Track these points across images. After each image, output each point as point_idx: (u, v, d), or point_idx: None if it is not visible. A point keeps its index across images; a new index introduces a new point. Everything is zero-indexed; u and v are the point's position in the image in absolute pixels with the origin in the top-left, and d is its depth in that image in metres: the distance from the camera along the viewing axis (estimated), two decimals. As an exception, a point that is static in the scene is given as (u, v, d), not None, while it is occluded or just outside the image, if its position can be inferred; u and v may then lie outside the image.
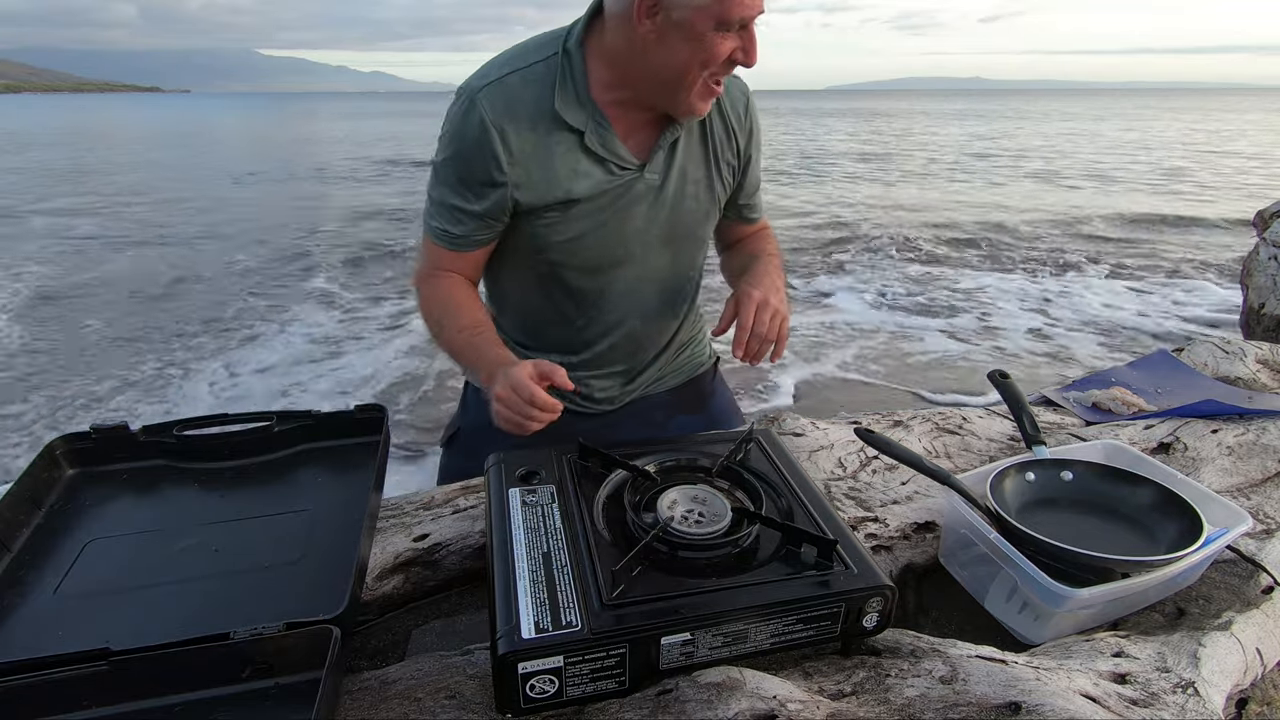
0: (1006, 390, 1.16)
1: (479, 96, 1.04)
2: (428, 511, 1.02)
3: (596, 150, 1.07)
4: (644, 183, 1.11)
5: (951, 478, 0.89)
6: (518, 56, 1.07)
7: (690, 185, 1.16)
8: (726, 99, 1.15)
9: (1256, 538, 0.98)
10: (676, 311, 1.31)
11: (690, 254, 1.25)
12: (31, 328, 5.69)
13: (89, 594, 0.77)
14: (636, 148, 1.10)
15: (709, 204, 1.20)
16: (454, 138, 1.07)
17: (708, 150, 1.16)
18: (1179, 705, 0.69)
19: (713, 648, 0.69)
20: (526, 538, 0.75)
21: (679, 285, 1.28)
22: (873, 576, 0.72)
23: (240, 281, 7.25)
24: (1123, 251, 8.36)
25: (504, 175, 1.05)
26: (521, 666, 0.62)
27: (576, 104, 1.05)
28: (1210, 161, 17.94)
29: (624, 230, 1.14)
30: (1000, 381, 1.18)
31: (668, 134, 1.11)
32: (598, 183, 1.09)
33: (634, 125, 1.10)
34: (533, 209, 1.09)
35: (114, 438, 0.95)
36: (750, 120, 1.20)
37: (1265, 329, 2.63)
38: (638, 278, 1.19)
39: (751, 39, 0.99)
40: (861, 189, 13.60)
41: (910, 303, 6.46)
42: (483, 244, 1.15)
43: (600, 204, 1.10)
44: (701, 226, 1.22)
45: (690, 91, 1.02)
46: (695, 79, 1.00)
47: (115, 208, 11.35)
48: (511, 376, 0.94)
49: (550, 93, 1.04)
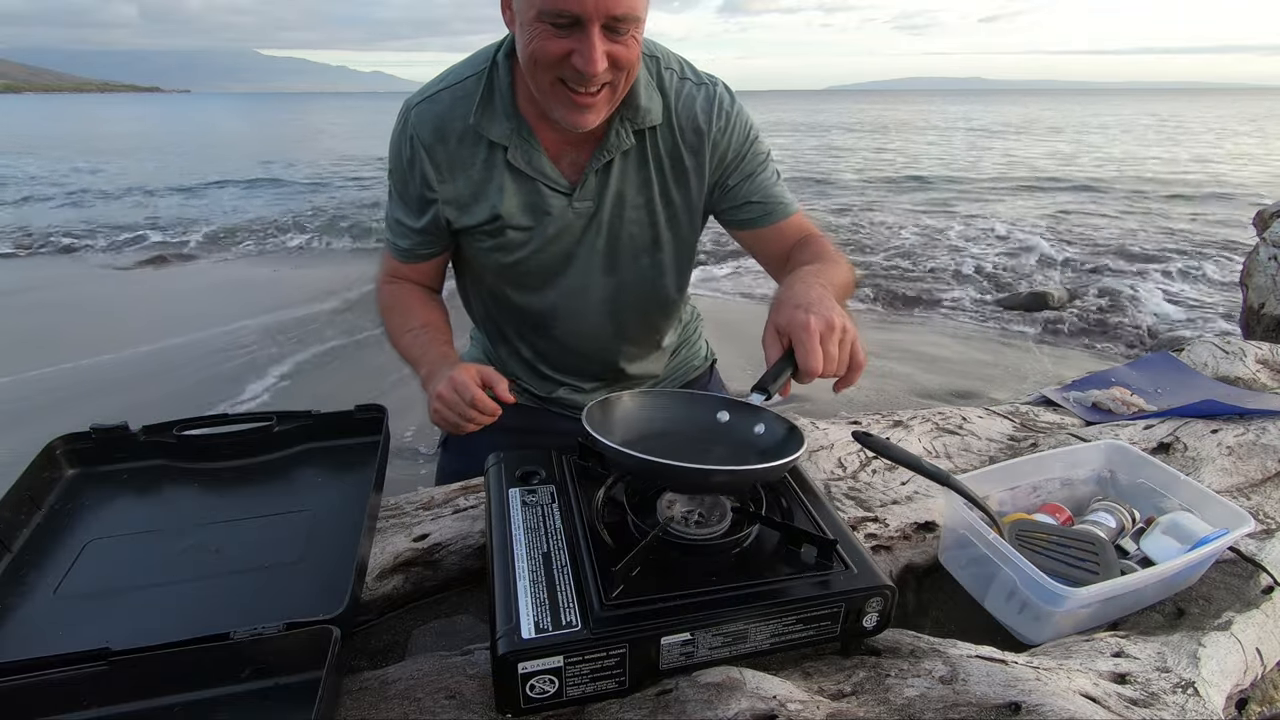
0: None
1: (411, 114, 1.05)
2: (428, 511, 1.02)
3: (520, 166, 1.04)
4: (574, 209, 1.08)
5: (951, 478, 0.89)
6: (453, 72, 1.06)
7: (630, 210, 1.11)
8: (679, 112, 1.08)
9: (1256, 538, 0.98)
10: (647, 335, 1.27)
11: (644, 280, 1.18)
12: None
13: (89, 594, 0.77)
14: (568, 169, 1.07)
15: (658, 228, 1.13)
16: (393, 154, 1.09)
17: (651, 173, 1.09)
18: (1179, 705, 0.69)
19: (712, 648, 0.68)
20: (526, 538, 0.75)
21: (644, 308, 1.22)
22: (873, 577, 0.72)
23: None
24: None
25: (435, 193, 1.06)
26: (521, 666, 0.62)
27: (502, 117, 1.02)
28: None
29: (559, 254, 1.12)
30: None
31: (598, 156, 1.05)
32: (525, 201, 1.06)
33: (563, 144, 1.06)
34: (466, 228, 1.09)
35: (114, 438, 0.95)
36: (721, 125, 1.09)
37: (1265, 329, 2.63)
38: (584, 302, 1.17)
39: (589, 44, 0.88)
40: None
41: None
42: (428, 258, 1.16)
43: (529, 223, 1.08)
44: (651, 251, 1.15)
45: (548, 97, 0.95)
46: (544, 81, 0.93)
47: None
48: (454, 378, 0.96)
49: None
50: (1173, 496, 0.98)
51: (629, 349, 1.27)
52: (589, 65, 0.89)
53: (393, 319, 1.17)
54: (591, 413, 0.80)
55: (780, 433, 0.82)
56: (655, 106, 1.06)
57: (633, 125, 1.05)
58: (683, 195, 1.13)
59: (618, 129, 1.05)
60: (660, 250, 1.16)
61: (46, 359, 4.39)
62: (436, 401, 0.98)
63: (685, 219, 1.15)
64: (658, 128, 1.07)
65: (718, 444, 0.85)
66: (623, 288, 1.17)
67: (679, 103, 1.08)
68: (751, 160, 1.14)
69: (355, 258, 7.69)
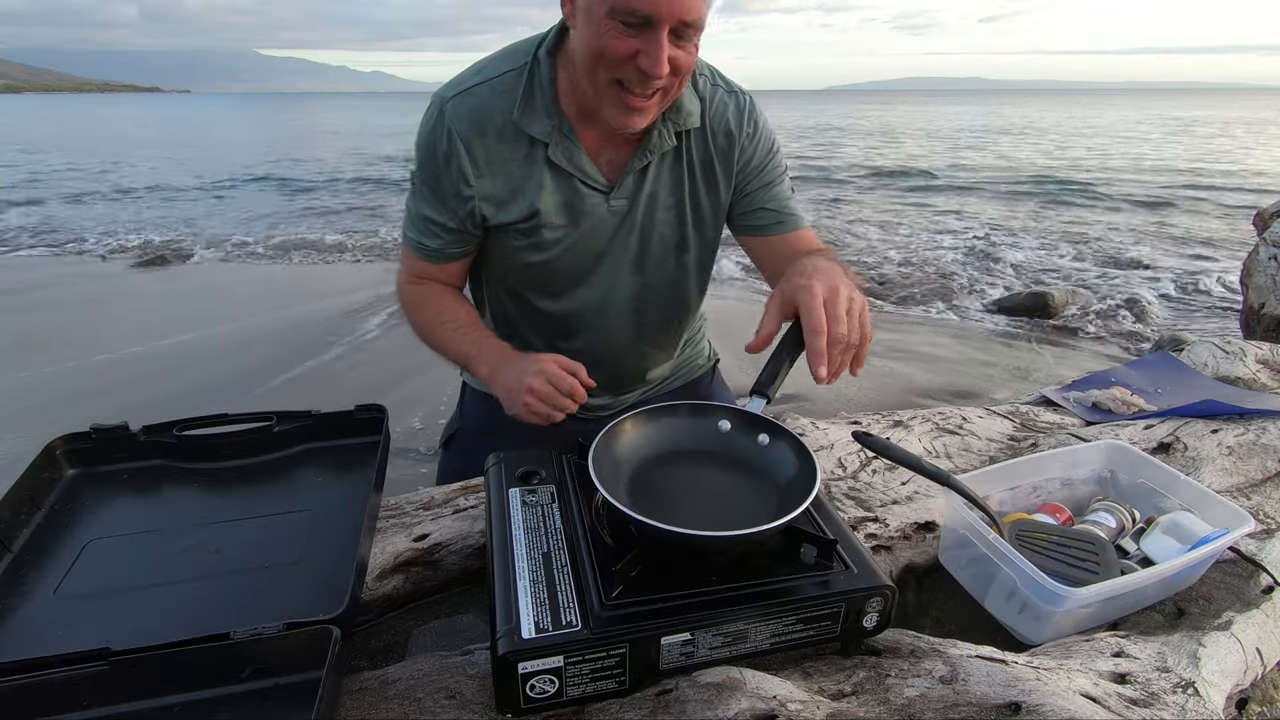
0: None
1: (447, 106, 1.02)
2: (428, 511, 1.02)
3: (560, 163, 1.03)
4: (610, 207, 1.08)
5: (951, 478, 0.89)
6: (490, 65, 1.04)
7: (662, 211, 1.12)
8: (713, 117, 1.09)
9: (1256, 538, 0.98)
10: (661, 341, 1.28)
11: (669, 281, 1.19)
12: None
13: (89, 594, 0.77)
14: (607, 168, 1.07)
15: (686, 229, 1.14)
16: (424, 148, 1.05)
17: (684, 175, 1.11)
18: (1179, 705, 0.69)
19: (713, 648, 0.68)
20: (526, 538, 0.75)
21: (666, 309, 1.23)
22: (872, 577, 0.72)
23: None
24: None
25: (471, 189, 1.04)
26: (521, 666, 0.62)
27: (543, 114, 1.01)
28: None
29: (591, 253, 1.12)
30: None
31: (638, 158, 1.05)
32: (563, 199, 1.06)
33: (603, 143, 1.06)
34: (501, 225, 1.07)
35: (114, 438, 0.95)
36: (750, 133, 1.12)
37: (1265, 329, 2.63)
38: (610, 302, 1.17)
39: (657, 45, 0.88)
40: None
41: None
42: (457, 257, 1.13)
43: (565, 221, 1.07)
44: (678, 253, 1.17)
45: (602, 97, 0.95)
46: (601, 80, 0.93)
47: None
48: (547, 370, 0.96)
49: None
50: (1173, 496, 0.98)
51: (649, 350, 1.28)
52: (655, 66, 0.88)
53: (424, 315, 1.14)
54: (597, 458, 0.77)
55: (789, 454, 0.81)
56: (695, 109, 1.07)
57: (674, 127, 1.06)
58: (711, 199, 1.14)
59: (660, 129, 1.05)
60: (686, 252, 1.18)
61: (47, 359, 4.39)
62: (529, 395, 0.96)
63: (711, 222, 1.16)
64: (694, 131, 1.08)
65: (723, 473, 0.83)
66: (648, 288, 1.18)
67: (713, 107, 1.10)
68: (772, 170, 1.15)
69: (356, 259, 7.68)
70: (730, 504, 0.80)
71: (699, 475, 0.83)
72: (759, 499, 0.79)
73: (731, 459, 0.84)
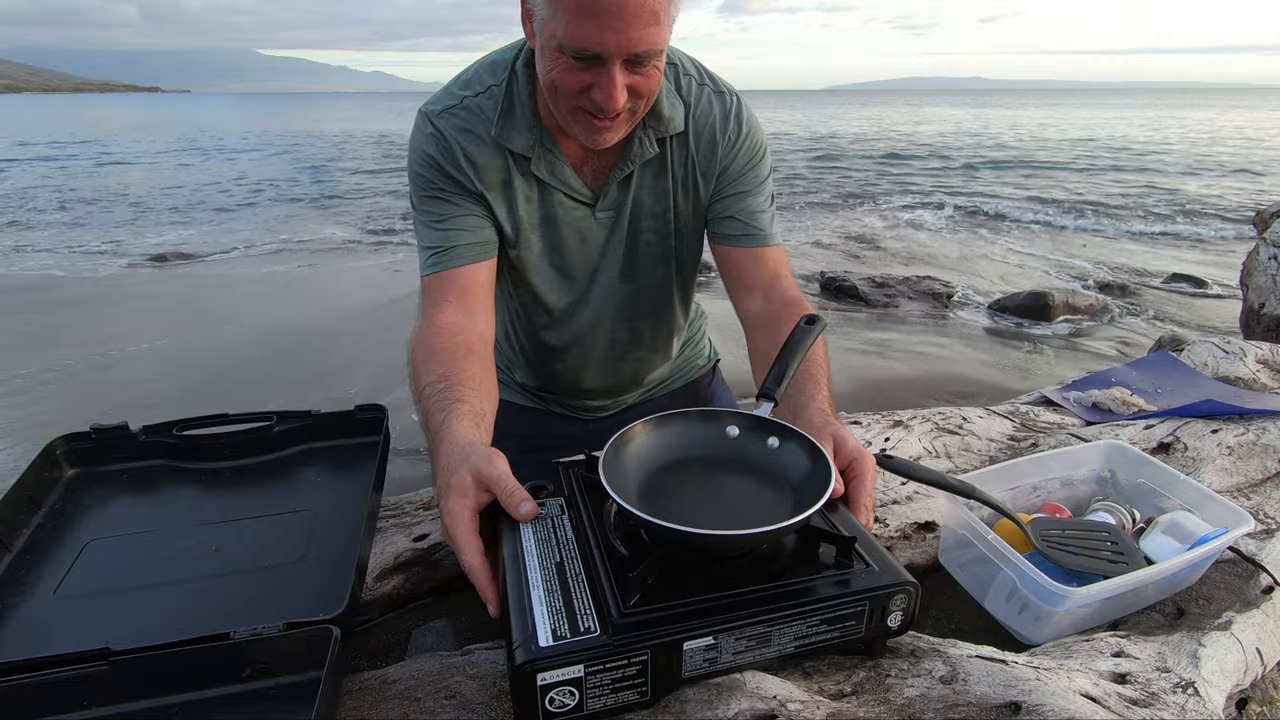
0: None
1: (438, 120, 1.02)
2: (428, 511, 1.02)
3: (544, 177, 1.03)
4: (597, 220, 1.08)
5: (976, 490, 0.86)
6: (474, 79, 1.04)
7: (647, 219, 1.11)
8: (698, 119, 1.07)
9: (1256, 538, 0.98)
10: (655, 345, 1.28)
11: (658, 288, 1.18)
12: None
13: (89, 594, 0.77)
14: (591, 177, 1.06)
15: (670, 236, 1.13)
16: (419, 158, 1.03)
17: (668, 182, 1.09)
18: (1179, 705, 0.69)
19: (736, 653, 0.66)
20: (538, 549, 0.72)
21: (655, 319, 1.23)
22: (895, 573, 0.70)
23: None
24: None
25: (475, 186, 1.03)
26: (541, 678, 0.59)
27: (523, 128, 1.01)
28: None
29: (580, 263, 1.12)
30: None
31: (620, 167, 1.05)
32: (549, 212, 1.06)
33: (585, 152, 1.04)
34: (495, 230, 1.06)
35: (114, 437, 0.95)
36: (733, 139, 1.09)
37: (1265, 329, 2.63)
38: (598, 312, 1.17)
39: (609, 81, 0.86)
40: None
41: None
42: (473, 259, 1.03)
43: (551, 233, 1.07)
44: (665, 259, 1.16)
45: (567, 119, 0.94)
46: (562, 107, 0.92)
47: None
48: (445, 521, 0.73)
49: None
50: (1173, 496, 0.98)
51: (644, 355, 1.28)
52: (608, 101, 0.88)
53: (416, 367, 0.95)
54: (607, 467, 0.75)
55: (800, 454, 0.80)
56: (678, 115, 1.05)
57: (655, 134, 1.05)
58: (694, 203, 1.12)
59: (641, 138, 1.04)
60: (673, 257, 1.17)
61: (47, 359, 4.39)
62: (443, 514, 0.74)
63: (694, 226, 1.15)
64: (677, 137, 1.07)
65: (735, 477, 0.81)
66: (639, 295, 1.18)
67: (698, 110, 1.08)
68: (751, 179, 1.12)
69: (360, 259, 7.69)
70: (745, 506, 0.78)
71: (710, 480, 0.81)
72: (774, 500, 0.77)
73: (742, 463, 0.82)
